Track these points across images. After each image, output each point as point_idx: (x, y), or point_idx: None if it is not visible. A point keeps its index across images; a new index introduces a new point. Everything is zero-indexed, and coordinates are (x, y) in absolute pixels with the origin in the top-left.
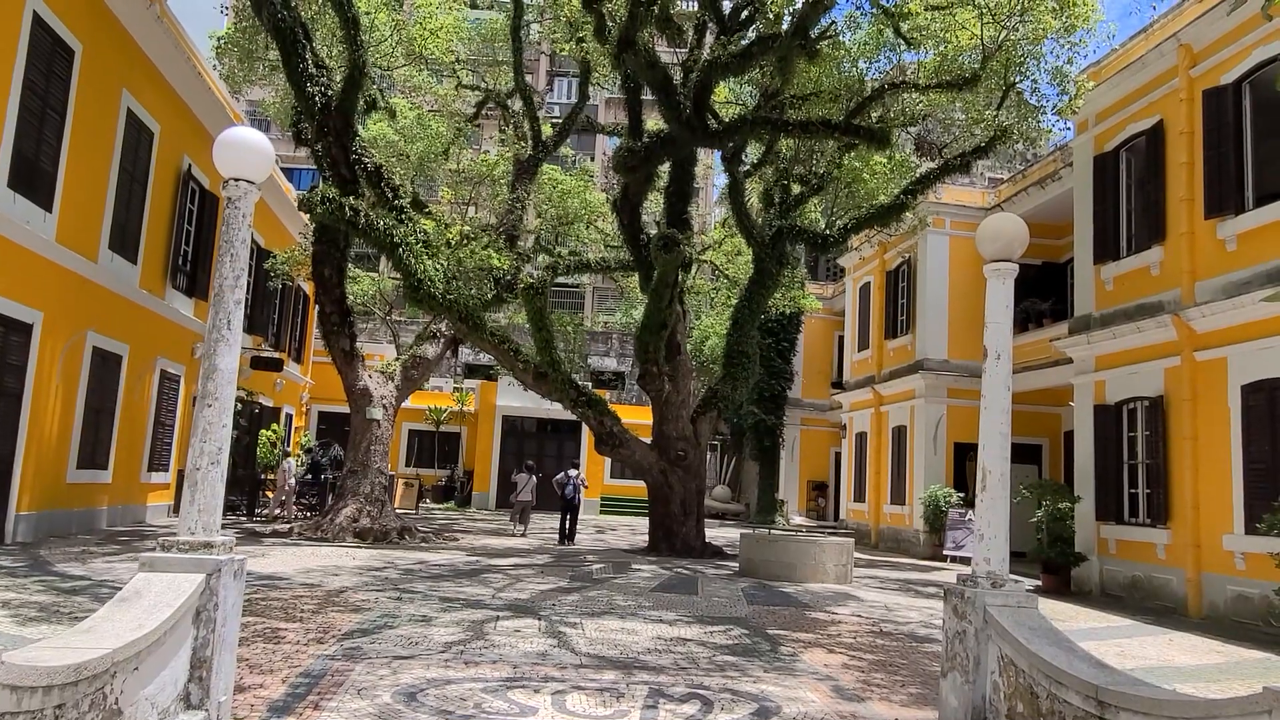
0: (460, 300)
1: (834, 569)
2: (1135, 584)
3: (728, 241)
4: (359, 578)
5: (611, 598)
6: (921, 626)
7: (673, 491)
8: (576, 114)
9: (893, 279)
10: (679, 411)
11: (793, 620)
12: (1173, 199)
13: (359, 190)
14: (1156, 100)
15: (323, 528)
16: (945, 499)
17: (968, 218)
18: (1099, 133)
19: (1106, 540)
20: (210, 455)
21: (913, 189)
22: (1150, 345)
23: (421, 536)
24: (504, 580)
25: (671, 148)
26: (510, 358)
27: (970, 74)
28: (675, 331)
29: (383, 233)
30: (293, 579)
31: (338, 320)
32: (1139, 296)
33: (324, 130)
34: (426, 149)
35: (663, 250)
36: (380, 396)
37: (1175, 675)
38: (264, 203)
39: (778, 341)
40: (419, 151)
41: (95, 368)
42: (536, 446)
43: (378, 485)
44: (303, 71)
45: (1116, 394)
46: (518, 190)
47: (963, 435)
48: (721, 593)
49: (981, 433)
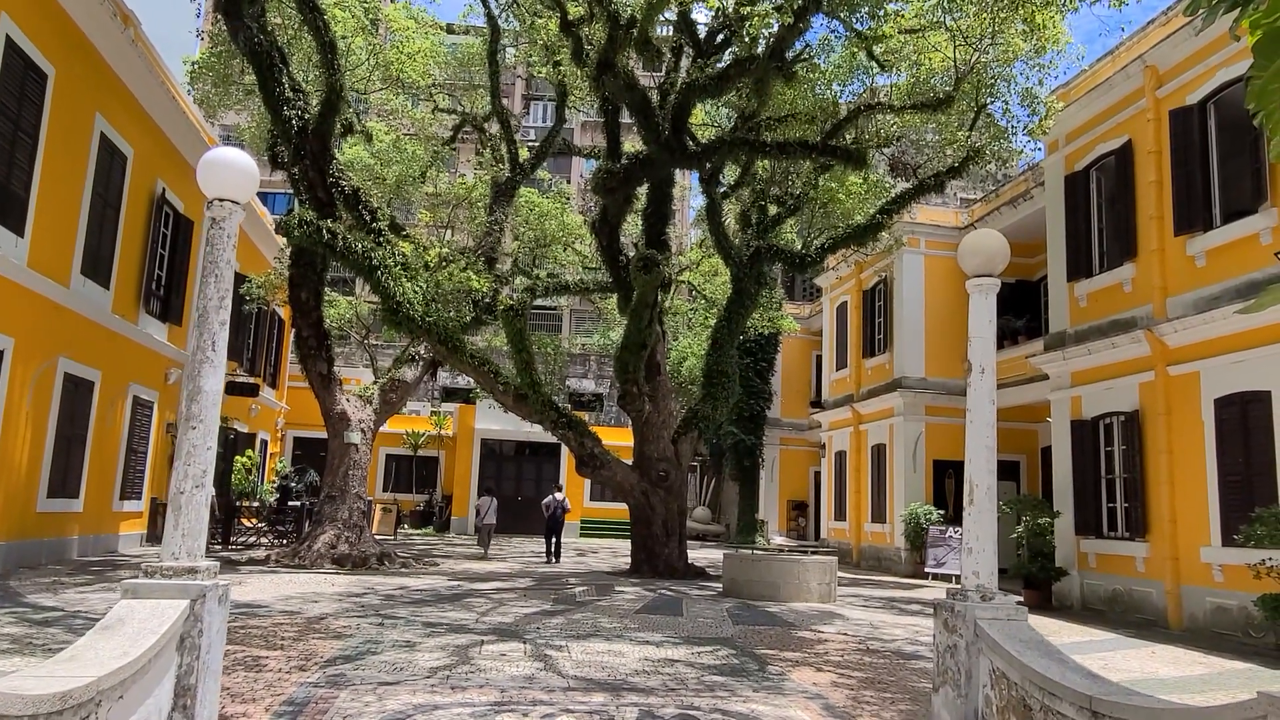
0: (439, 323)
1: (818, 588)
2: (1116, 598)
3: (705, 262)
4: (339, 604)
5: (596, 620)
6: (908, 644)
7: (654, 512)
8: (553, 136)
9: (869, 298)
10: (660, 432)
11: (779, 639)
12: (1143, 217)
13: (336, 213)
14: (1124, 121)
15: (300, 554)
16: (926, 516)
17: (942, 237)
18: (1069, 152)
19: (1086, 554)
20: (195, 478)
21: (889, 208)
22: (1124, 360)
23: (401, 562)
24: (487, 604)
25: (650, 169)
26: (490, 380)
27: (944, 95)
28: (655, 352)
29: (361, 255)
30: (272, 606)
31: (315, 344)
32: (1112, 313)
33: (301, 153)
34: (403, 172)
35: (642, 271)
36: (358, 420)
37: (1160, 687)
38: (239, 227)
39: (756, 361)
40: (395, 175)
41: (67, 394)
42: (515, 470)
43: (356, 510)
44: (279, 95)
45: (1093, 409)
46: (495, 213)
47: (942, 452)
48: (707, 613)
49: (968, 446)
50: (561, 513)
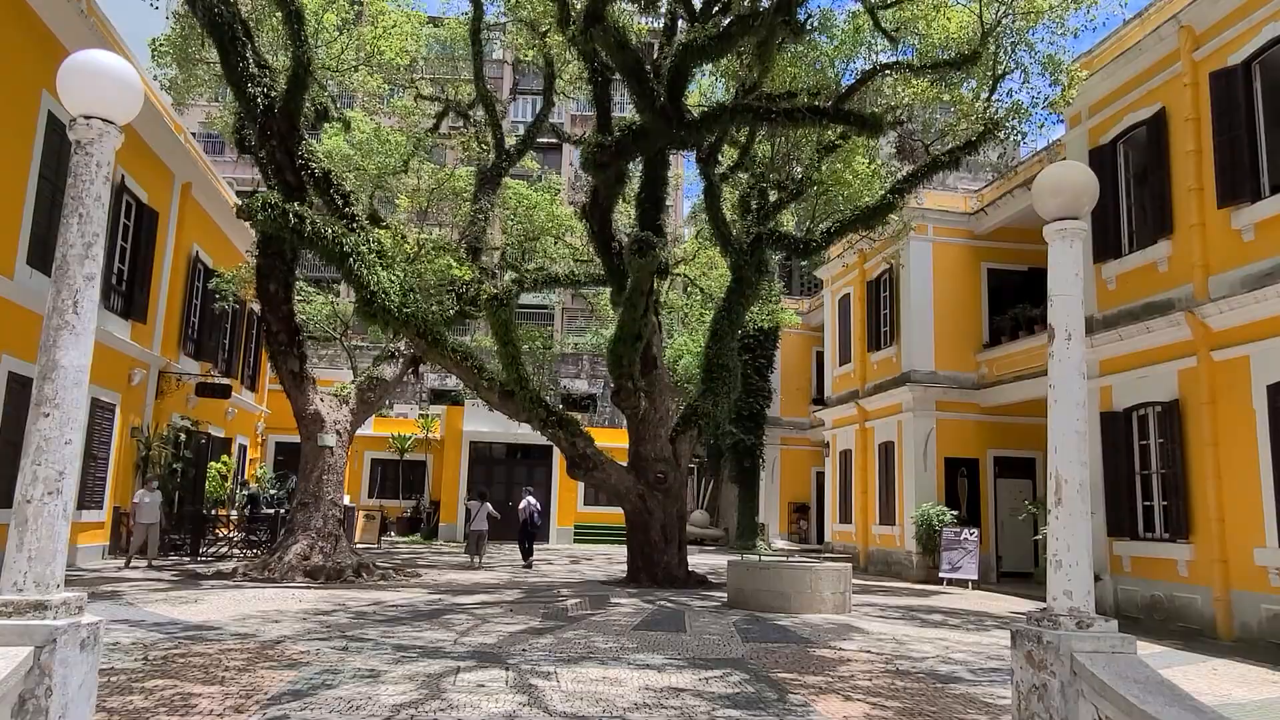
0: (418, 314)
1: (831, 598)
2: (1155, 604)
3: (701, 254)
4: (302, 624)
5: (590, 639)
6: (940, 663)
7: (652, 517)
8: (541, 121)
9: (874, 289)
10: (657, 430)
11: (797, 660)
12: (1180, 189)
13: (307, 198)
14: (1157, 87)
15: (270, 567)
16: (939, 518)
17: (951, 223)
18: (1094, 125)
19: (1120, 558)
20: (48, 482)
21: (900, 188)
22: (1161, 346)
23: (380, 574)
24: (468, 622)
25: (644, 141)
26: (474, 375)
27: (970, 52)
28: (651, 344)
29: (331, 241)
30: (225, 628)
31: (285, 340)
32: (1146, 295)
33: (267, 134)
34: (384, 163)
35: (637, 255)
36: (334, 421)
37: (1239, 712)
38: (210, 218)
39: (755, 358)
40: (377, 165)
41: (13, 395)
42: (506, 474)
43: (331, 519)
44: (242, 71)
45: (1125, 400)
46: (480, 201)
47: (954, 450)
48: (712, 629)
49: (1052, 432)
50: (539, 516)
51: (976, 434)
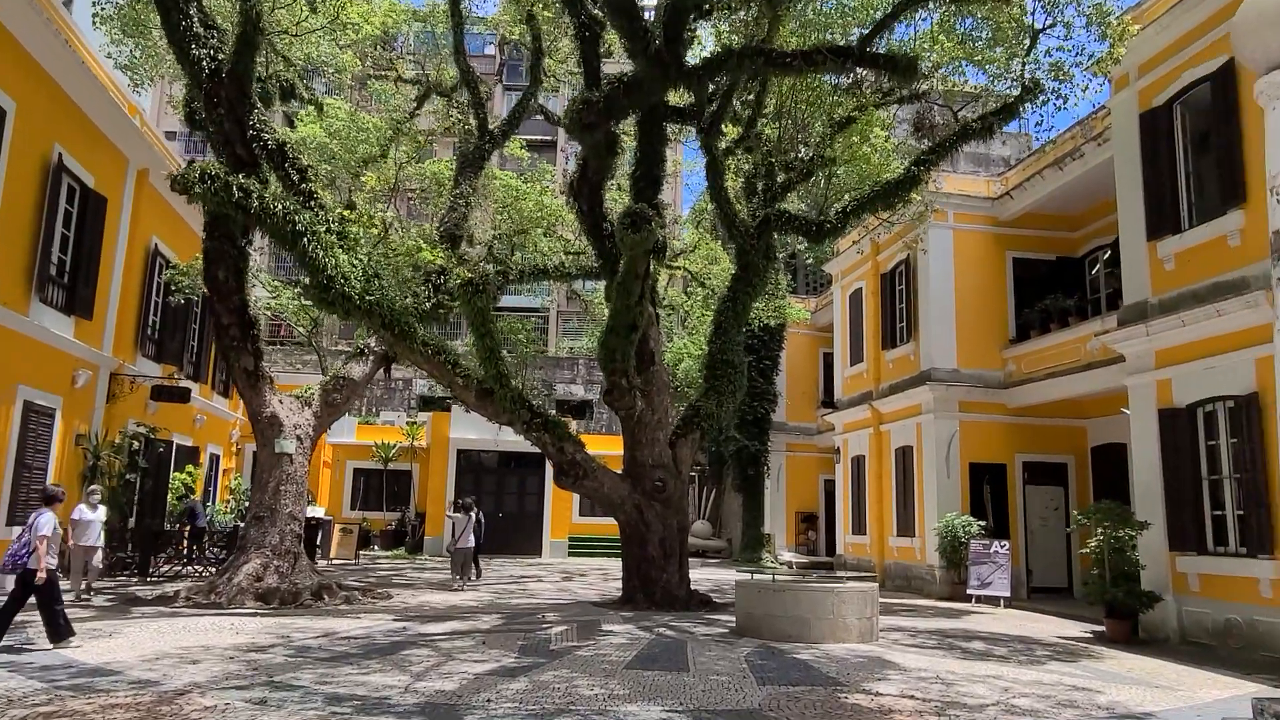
0: (382, 302)
1: (857, 624)
2: (1230, 630)
3: (702, 245)
4: (225, 665)
5: (572, 683)
6: (1002, 711)
7: (650, 530)
8: (528, 100)
9: (888, 282)
10: (654, 434)
11: (826, 711)
12: (1253, 152)
13: (261, 174)
14: (1221, 38)
15: (218, 589)
16: (964, 529)
17: (973, 209)
18: (1144, 86)
19: (1185, 575)
20: None
21: (925, 159)
22: (1233, 332)
23: (345, 596)
24: (428, 660)
25: (637, 93)
26: (448, 372)
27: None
28: (648, 336)
29: (282, 218)
30: (125, 674)
31: (238, 334)
32: (1213, 274)
33: (214, 101)
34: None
35: (630, 230)
36: (294, 425)
37: None
38: (173, 209)
39: (759, 359)
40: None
41: None
42: (496, 483)
43: (290, 534)
44: (185, 30)
45: (1188, 394)
46: (461, 186)
47: (979, 455)
48: (720, 665)
49: None
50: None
51: (1003, 437)
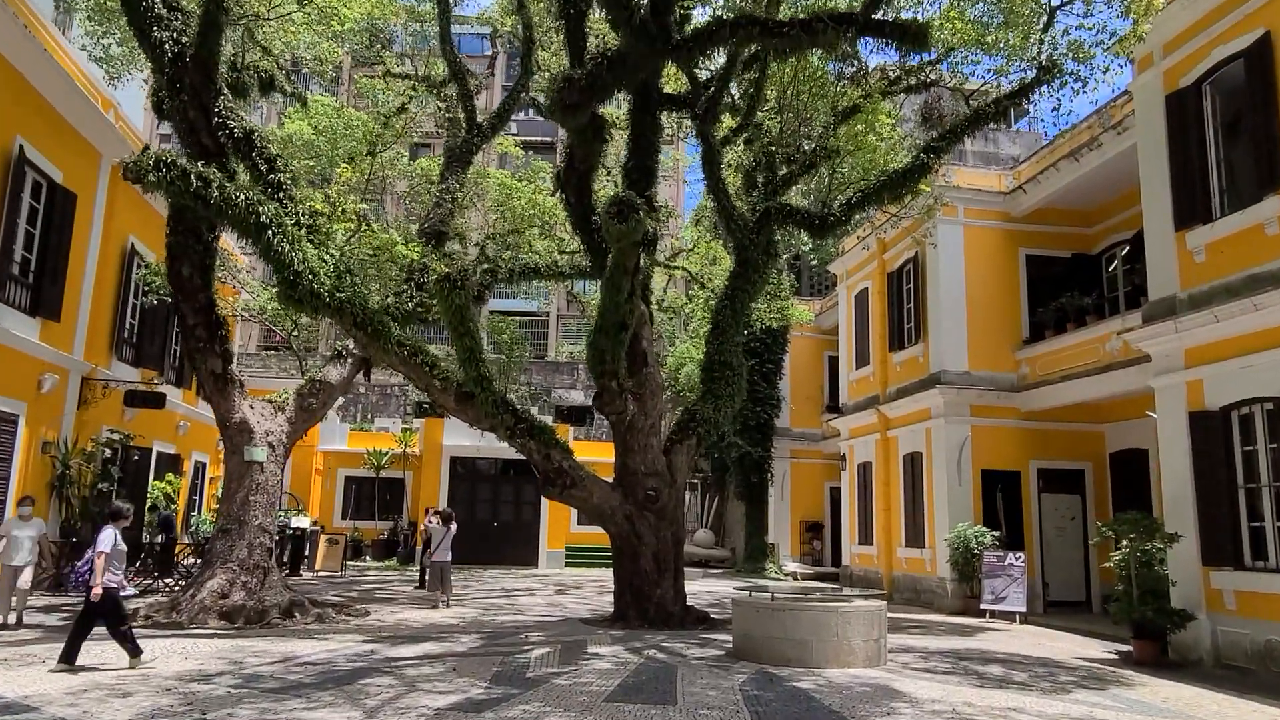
0: (354, 300)
1: (863, 646)
2: (1271, 652)
3: (701, 244)
4: (157, 699)
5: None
6: None
7: (642, 543)
8: (518, 91)
9: (895, 281)
10: (648, 440)
11: None
12: None
13: (227, 164)
14: (1257, 10)
15: (179, 607)
16: (977, 539)
17: (983, 204)
18: (1170, 66)
19: (1220, 592)
20: None
21: (935, 146)
22: (1273, 328)
23: (317, 614)
24: (389, 690)
25: (622, 69)
26: (425, 374)
27: None
28: (640, 336)
29: (245, 210)
30: (40, 710)
31: (204, 334)
32: (1249, 265)
33: (177, 87)
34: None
35: (616, 219)
36: (265, 432)
37: None
38: (151, 207)
39: (761, 363)
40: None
41: None
42: (491, 491)
43: (259, 548)
44: (145, 10)
45: (1222, 396)
46: (447, 180)
47: (991, 461)
48: (710, 697)
49: None
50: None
51: (1017, 443)
